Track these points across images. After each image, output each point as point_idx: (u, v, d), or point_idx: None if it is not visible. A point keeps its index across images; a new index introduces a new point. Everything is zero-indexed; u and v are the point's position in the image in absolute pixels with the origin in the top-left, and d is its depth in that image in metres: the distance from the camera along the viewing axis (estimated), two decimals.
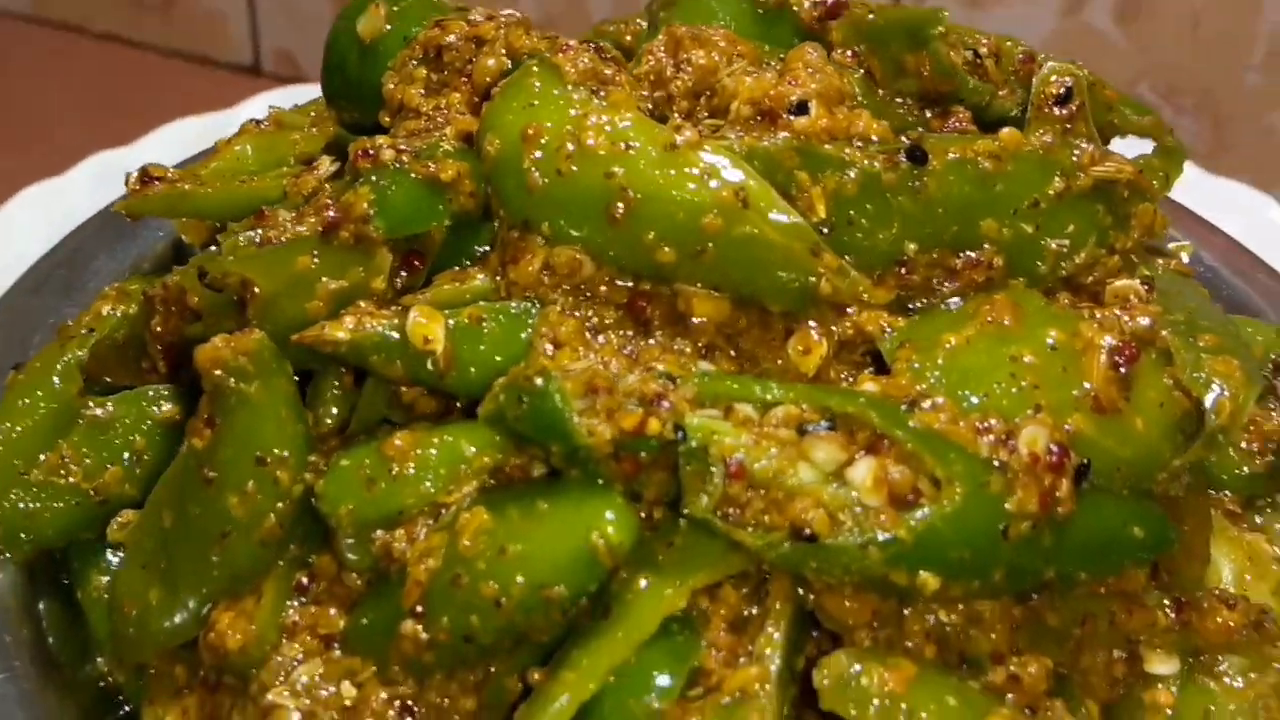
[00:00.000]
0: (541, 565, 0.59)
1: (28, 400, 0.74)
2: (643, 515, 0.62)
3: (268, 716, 0.64)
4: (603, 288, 0.67)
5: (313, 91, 1.45)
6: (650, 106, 0.70)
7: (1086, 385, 0.65)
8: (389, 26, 0.79)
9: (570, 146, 0.64)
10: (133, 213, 0.81)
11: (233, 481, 0.64)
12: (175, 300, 0.73)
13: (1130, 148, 0.81)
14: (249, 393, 0.63)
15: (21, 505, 0.73)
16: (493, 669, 0.64)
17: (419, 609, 0.62)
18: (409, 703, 0.64)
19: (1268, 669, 0.71)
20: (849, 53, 0.76)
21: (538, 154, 0.65)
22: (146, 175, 0.82)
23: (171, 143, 1.32)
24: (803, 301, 0.66)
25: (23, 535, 0.73)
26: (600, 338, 0.66)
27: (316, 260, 0.67)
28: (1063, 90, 0.77)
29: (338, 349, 0.64)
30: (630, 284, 0.67)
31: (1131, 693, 0.69)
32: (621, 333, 0.67)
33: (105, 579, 0.74)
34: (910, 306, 0.70)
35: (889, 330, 0.68)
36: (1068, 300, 0.72)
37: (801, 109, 0.67)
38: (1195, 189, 1.10)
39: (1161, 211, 0.75)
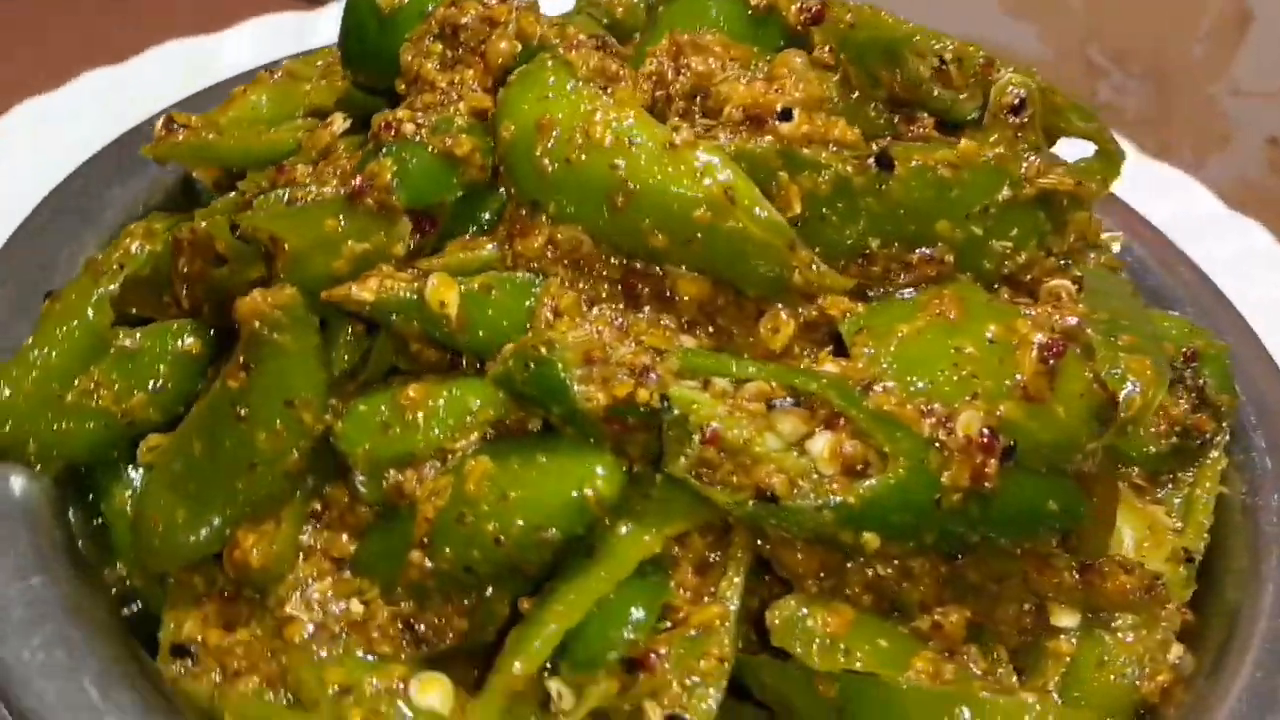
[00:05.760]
0: (538, 510, 0.68)
1: (64, 329, 0.80)
2: (625, 469, 0.71)
3: (285, 627, 0.72)
4: (598, 265, 0.75)
5: (299, 20, 1.49)
6: (651, 104, 0.77)
7: (1019, 376, 0.73)
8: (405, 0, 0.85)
9: (579, 139, 0.72)
10: (159, 158, 0.87)
11: (263, 420, 0.71)
12: (203, 245, 0.80)
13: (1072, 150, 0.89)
14: (282, 342, 0.70)
15: (56, 425, 0.79)
16: (486, 595, 0.73)
17: (425, 541, 0.70)
18: (410, 620, 0.73)
19: (1155, 627, 0.82)
20: (828, 48, 0.83)
21: (550, 143, 0.72)
22: (171, 122, 0.88)
23: (166, 64, 1.37)
24: (776, 289, 0.74)
25: (55, 452, 0.80)
26: (595, 309, 0.74)
27: (343, 223, 0.74)
28: (1017, 100, 0.85)
29: (362, 308, 0.72)
30: (623, 262, 0.75)
31: (1038, 641, 0.80)
32: (614, 305, 0.75)
33: (128, 494, 0.82)
34: (868, 294, 0.79)
35: (849, 315, 0.76)
36: (1007, 295, 0.81)
37: (786, 115, 0.75)
38: (1131, 171, 1.17)
39: (1095, 217, 0.84)
